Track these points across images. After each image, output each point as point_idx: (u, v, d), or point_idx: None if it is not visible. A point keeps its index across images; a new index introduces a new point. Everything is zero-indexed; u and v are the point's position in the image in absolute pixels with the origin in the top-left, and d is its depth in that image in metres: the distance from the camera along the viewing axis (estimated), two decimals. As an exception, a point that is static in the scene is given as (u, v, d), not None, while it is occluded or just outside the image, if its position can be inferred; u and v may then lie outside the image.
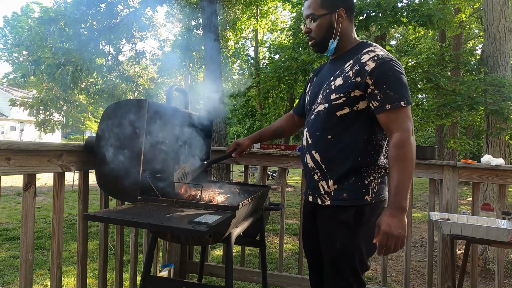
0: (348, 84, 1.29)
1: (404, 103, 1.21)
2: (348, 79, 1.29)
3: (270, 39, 16.60)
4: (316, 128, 1.38)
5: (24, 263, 1.41)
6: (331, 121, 1.33)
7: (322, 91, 1.39)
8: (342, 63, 1.37)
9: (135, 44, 9.83)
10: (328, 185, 1.35)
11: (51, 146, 1.50)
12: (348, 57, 1.36)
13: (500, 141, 4.33)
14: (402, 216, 1.17)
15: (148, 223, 1.17)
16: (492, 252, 3.86)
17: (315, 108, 1.40)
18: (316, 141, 1.37)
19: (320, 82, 1.44)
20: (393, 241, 1.17)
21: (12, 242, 4.25)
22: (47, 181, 9.25)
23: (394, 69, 1.24)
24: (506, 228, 1.83)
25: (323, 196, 1.37)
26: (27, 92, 23.17)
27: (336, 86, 1.32)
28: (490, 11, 4.59)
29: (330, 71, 1.42)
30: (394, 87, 1.22)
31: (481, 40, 11.39)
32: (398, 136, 1.20)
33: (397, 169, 1.18)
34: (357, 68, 1.28)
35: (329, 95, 1.33)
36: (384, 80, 1.23)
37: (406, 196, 1.18)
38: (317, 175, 1.38)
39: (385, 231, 1.17)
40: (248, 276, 2.57)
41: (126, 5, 8.76)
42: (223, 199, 1.63)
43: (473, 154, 17.84)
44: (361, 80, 1.25)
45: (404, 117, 1.22)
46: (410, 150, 1.19)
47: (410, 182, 1.21)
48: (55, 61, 7.89)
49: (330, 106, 1.32)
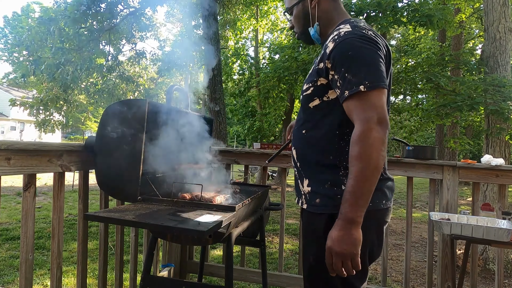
0: (313, 72, 1.14)
1: (364, 87, 0.97)
2: (315, 66, 1.14)
3: (270, 39, 16.61)
4: (296, 123, 1.26)
5: (24, 263, 1.41)
6: (304, 114, 1.19)
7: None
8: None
9: (135, 44, 9.84)
10: (303, 185, 1.19)
11: (51, 146, 1.50)
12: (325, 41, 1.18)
13: (500, 141, 4.33)
14: (351, 229, 0.96)
15: (148, 223, 1.17)
16: (492, 252, 3.86)
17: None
18: (295, 137, 1.25)
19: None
20: (338, 259, 0.97)
21: (12, 242, 4.25)
22: (47, 181, 9.25)
23: (355, 46, 1.01)
24: (506, 228, 1.83)
25: (302, 197, 1.21)
26: (27, 92, 23.17)
27: (308, 75, 1.20)
28: (490, 11, 4.59)
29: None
30: (353, 68, 1.00)
31: (481, 40, 11.39)
32: (357, 128, 0.98)
33: (353, 170, 0.97)
34: (322, 52, 1.11)
35: (303, 86, 1.21)
36: (342, 62, 1.02)
37: (360, 205, 0.96)
38: (296, 173, 1.25)
39: (328, 246, 0.99)
40: (248, 276, 2.57)
41: (126, 5, 8.76)
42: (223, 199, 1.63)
43: (473, 154, 17.85)
44: (323, 66, 1.08)
45: (365, 105, 0.97)
46: (369, 147, 0.95)
47: (370, 188, 0.96)
48: (55, 61, 7.89)
49: (303, 98, 1.19)
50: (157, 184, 1.58)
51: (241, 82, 12.73)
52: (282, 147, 1.81)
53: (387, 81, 1.06)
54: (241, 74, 13.49)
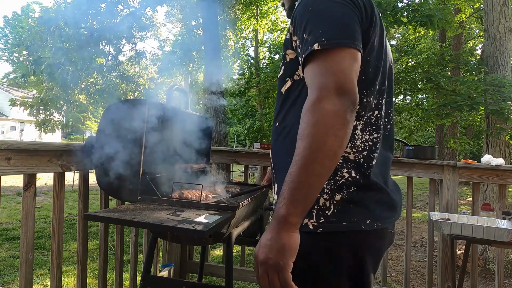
0: (284, 46, 0.91)
1: (319, 45, 0.72)
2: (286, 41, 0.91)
3: (270, 39, 16.61)
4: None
5: (24, 263, 1.41)
6: (278, 102, 0.96)
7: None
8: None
9: (135, 44, 9.84)
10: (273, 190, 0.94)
11: (51, 146, 1.50)
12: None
13: (500, 141, 4.33)
14: (280, 232, 0.71)
15: (148, 223, 1.17)
16: (492, 252, 3.86)
17: None
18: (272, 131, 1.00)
19: None
20: (263, 270, 0.74)
21: (12, 242, 4.25)
22: (47, 181, 9.25)
23: (315, 2, 0.79)
24: (506, 228, 1.83)
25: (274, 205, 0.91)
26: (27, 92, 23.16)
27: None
28: (490, 11, 4.59)
29: None
30: (310, 25, 0.77)
31: (481, 40, 11.39)
32: (308, 99, 0.73)
33: (294, 154, 0.72)
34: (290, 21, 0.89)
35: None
36: (301, 21, 0.79)
37: (295, 200, 0.70)
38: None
39: (255, 253, 0.76)
40: (248, 276, 2.57)
41: (126, 5, 8.76)
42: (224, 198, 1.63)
43: (473, 154, 17.84)
44: (288, 35, 0.87)
45: (319, 68, 0.73)
46: (317, 124, 0.69)
47: (310, 178, 0.69)
48: (55, 61, 7.89)
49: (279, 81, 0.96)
50: (157, 184, 1.58)
51: (241, 82, 12.74)
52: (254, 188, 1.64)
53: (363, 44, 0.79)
54: (241, 74, 13.50)
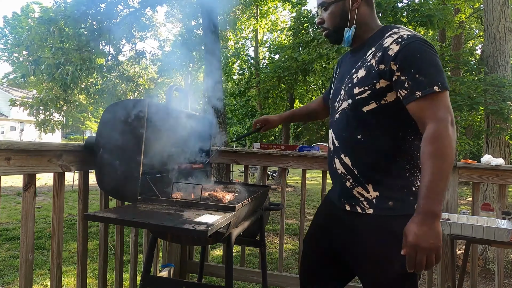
0: (372, 74, 1.11)
1: (438, 88, 1.00)
2: (371, 68, 1.12)
3: (270, 39, 16.62)
4: (342, 128, 1.21)
5: (24, 263, 1.41)
6: (357, 119, 1.16)
7: (344, 86, 1.22)
8: (363, 53, 1.20)
9: (135, 44, 9.84)
10: (367, 191, 1.16)
11: (51, 146, 1.50)
12: (370, 44, 1.18)
13: (500, 141, 4.33)
14: (434, 223, 0.97)
15: (148, 223, 1.17)
16: (492, 252, 3.86)
17: (339, 106, 1.24)
18: (345, 143, 1.20)
19: (342, 76, 1.28)
20: (423, 255, 0.96)
21: (12, 242, 4.25)
22: (47, 181, 9.25)
23: (422, 49, 1.03)
24: (506, 228, 1.83)
25: (362, 203, 1.17)
26: (27, 92, 23.17)
27: (358, 78, 1.15)
28: (490, 11, 4.59)
29: (351, 63, 1.25)
30: (424, 70, 1.02)
31: (481, 40, 11.38)
32: (432, 127, 1.00)
33: (430, 167, 0.97)
34: (380, 54, 1.09)
35: (352, 90, 1.16)
36: (411, 64, 1.03)
37: (440, 200, 0.97)
38: (349, 181, 1.20)
39: (412, 243, 0.97)
40: (248, 276, 2.57)
41: (126, 5, 8.76)
42: (232, 198, 1.64)
43: (473, 154, 17.83)
44: (385, 67, 1.07)
45: (439, 105, 1.01)
46: (447, 145, 0.98)
47: (446, 183, 0.99)
48: (55, 61, 7.89)
49: (354, 102, 1.15)
50: (157, 184, 1.58)
51: (241, 82, 12.74)
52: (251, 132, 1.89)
53: None
54: (241, 74, 13.49)
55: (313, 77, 7.64)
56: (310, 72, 6.48)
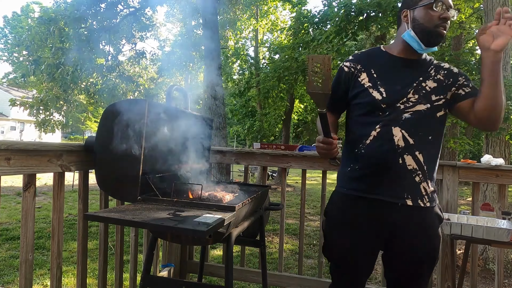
0: (443, 86, 1.36)
1: None
2: (442, 81, 1.36)
3: (270, 39, 16.61)
4: (418, 128, 1.32)
5: (24, 263, 1.41)
6: (433, 121, 1.35)
7: (411, 90, 1.33)
8: (421, 68, 1.39)
9: (135, 44, 9.84)
10: (428, 186, 1.34)
11: (51, 146, 1.50)
12: (426, 64, 1.41)
13: (500, 141, 4.33)
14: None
15: (148, 223, 1.17)
16: (492, 252, 3.86)
17: (408, 106, 1.32)
18: (420, 141, 1.32)
19: (402, 81, 1.36)
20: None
21: (12, 242, 4.25)
22: (47, 181, 9.25)
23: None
24: (506, 228, 1.83)
25: (425, 198, 1.33)
26: (27, 92, 23.16)
27: (431, 88, 1.34)
28: (490, 11, 4.59)
29: (412, 70, 1.38)
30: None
31: (481, 40, 11.34)
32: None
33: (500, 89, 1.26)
34: (445, 72, 1.38)
35: (429, 96, 1.33)
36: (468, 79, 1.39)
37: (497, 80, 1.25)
38: (419, 176, 1.32)
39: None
40: (248, 276, 2.57)
41: (126, 5, 8.76)
42: (232, 198, 1.64)
43: (473, 154, 17.84)
44: (453, 81, 1.37)
45: None
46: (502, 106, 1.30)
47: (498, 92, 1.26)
48: (55, 61, 7.89)
49: (433, 107, 1.33)
50: (157, 184, 1.58)
51: (241, 82, 12.73)
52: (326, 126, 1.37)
53: None
54: (241, 74, 13.49)
55: (313, 77, 7.63)
56: (310, 72, 6.48)
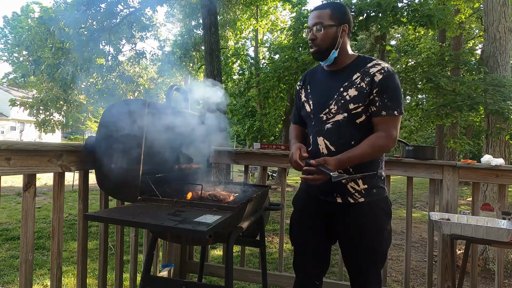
0: (363, 94, 1.43)
1: (397, 113, 1.42)
2: (362, 89, 1.44)
3: (270, 39, 16.61)
4: (339, 137, 1.47)
5: (24, 263, 1.41)
6: (352, 128, 1.46)
7: (332, 102, 1.48)
8: (347, 75, 1.48)
9: (135, 44, 9.84)
10: (358, 185, 1.47)
11: (51, 146, 1.50)
12: (353, 69, 1.48)
13: (500, 141, 4.33)
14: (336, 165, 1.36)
15: (148, 223, 1.17)
16: (492, 252, 3.86)
17: (328, 117, 1.49)
18: (343, 148, 1.44)
19: (325, 93, 1.52)
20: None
21: (12, 242, 4.25)
22: (47, 181, 9.25)
23: (395, 81, 1.44)
24: (506, 228, 1.83)
25: (355, 195, 1.47)
26: (27, 92, 23.15)
27: (351, 96, 1.44)
28: (490, 11, 4.58)
29: (334, 83, 1.50)
30: (393, 97, 1.42)
31: (481, 40, 11.39)
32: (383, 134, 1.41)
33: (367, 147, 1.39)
34: (368, 79, 1.44)
35: (347, 105, 1.44)
36: (385, 90, 1.42)
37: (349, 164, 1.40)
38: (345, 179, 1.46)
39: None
40: (248, 276, 2.57)
41: (126, 5, 8.76)
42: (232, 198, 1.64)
43: (473, 154, 17.84)
44: (369, 89, 1.43)
45: (395, 125, 1.43)
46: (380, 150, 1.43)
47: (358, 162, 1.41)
48: (55, 61, 7.89)
49: (350, 115, 1.45)
50: (157, 184, 1.58)
51: (241, 82, 12.72)
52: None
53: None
54: (241, 74, 13.48)
55: (313, 77, 7.63)
56: (310, 72, 6.49)
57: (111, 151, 1.52)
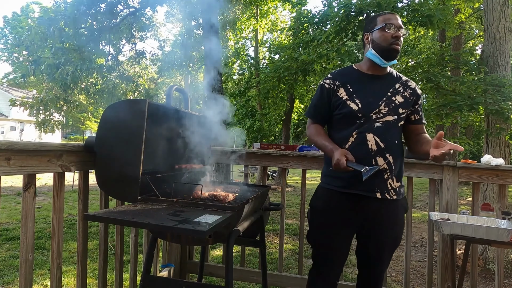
0: (409, 102, 1.65)
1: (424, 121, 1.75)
2: (407, 98, 1.65)
3: (270, 39, 16.60)
4: (388, 135, 1.60)
5: (24, 263, 1.41)
6: (397, 129, 1.64)
7: (381, 103, 1.61)
8: (389, 82, 1.66)
9: (135, 44, 9.84)
10: (394, 182, 1.61)
11: (51, 146, 1.50)
12: (393, 78, 1.69)
13: (500, 141, 4.33)
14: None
15: (148, 223, 1.17)
16: (492, 252, 3.86)
17: (378, 117, 1.60)
18: (390, 146, 1.60)
19: (374, 94, 1.63)
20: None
21: (12, 242, 4.25)
22: (47, 181, 9.25)
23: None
24: (506, 228, 1.83)
25: (391, 192, 1.60)
26: (27, 92, 23.15)
27: (399, 102, 1.63)
28: (490, 11, 4.58)
29: (380, 86, 1.65)
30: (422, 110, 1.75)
31: (481, 40, 11.38)
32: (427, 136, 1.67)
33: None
34: (410, 91, 1.67)
35: (397, 109, 1.62)
36: (420, 104, 1.71)
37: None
38: (387, 174, 1.60)
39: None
40: (248, 276, 2.57)
41: (126, 5, 8.76)
42: (232, 198, 1.64)
43: (473, 154, 17.84)
44: (415, 100, 1.68)
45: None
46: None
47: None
48: (55, 61, 7.89)
49: (398, 118, 1.62)
50: (157, 184, 1.58)
51: (241, 82, 12.72)
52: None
53: None
54: (241, 74, 13.47)
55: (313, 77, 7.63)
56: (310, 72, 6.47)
57: (111, 151, 1.52)
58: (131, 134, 1.49)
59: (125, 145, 1.50)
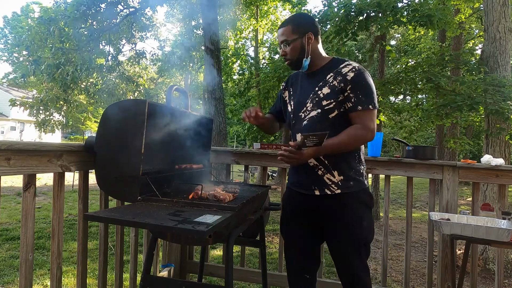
0: (335, 91, 1.55)
1: (372, 107, 1.51)
2: (334, 87, 1.55)
3: (270, 39, 16.61)
4: (313, 131, 1.53)
5: (24, 263, 1.41)
6: (325, 123, 1.55)
7: (308, 100, 1.60)
8: (321, 76, 1.61)
9: (135, 44, 9.84)
10: (334, 176, 1.55)
11: (51, 146, 1.50)
12: (327, 70, 1.61)
13: (500, 141, 4.33)
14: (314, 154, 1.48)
15: (148, 223, 1.17)
16: (492, 252, 3.86)
17: (305, 115, 1.61)
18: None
19: (304, 93, 1.65)
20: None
21: (12, 242, 4.25)
22: (47, 181, 9.25)
23: (367, 78, 1.54)
24: (506, 228, 1.83)
25: (331, 186, 1.55)
26: (27, 92, 23.16)
27: (324, 94, 1.56)
28: (490, 11, 4.58)
29: (311, 84, 1.63)
30: (365, 92, 1.52)
31: (481, 40, 11.38)
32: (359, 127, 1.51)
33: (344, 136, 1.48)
34: (340, 78, 1.55)
35: (320, 102, 1.57)
36: (358, 86, 1.52)
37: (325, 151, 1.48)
38: (321, 170, 1.57)
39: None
40: (248, 276, 2.57)
41: (126, 5, 8.76)
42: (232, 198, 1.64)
43: (473, 154, 17.83)
44: (343, 86, 1.54)
45: (370, 118, 1.52)
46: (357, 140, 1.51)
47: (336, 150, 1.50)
48: (55, 61, 7.89)
49: (323, 111, 1.56)
50: (157, 184, 1.58)
51: (241, 82, 12.73)
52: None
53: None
54: (241, 74, 13.48)
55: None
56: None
57: (111, 151, 1.52)
58: (131, 134, 1.49)
59: (125, 145, 1.50)
